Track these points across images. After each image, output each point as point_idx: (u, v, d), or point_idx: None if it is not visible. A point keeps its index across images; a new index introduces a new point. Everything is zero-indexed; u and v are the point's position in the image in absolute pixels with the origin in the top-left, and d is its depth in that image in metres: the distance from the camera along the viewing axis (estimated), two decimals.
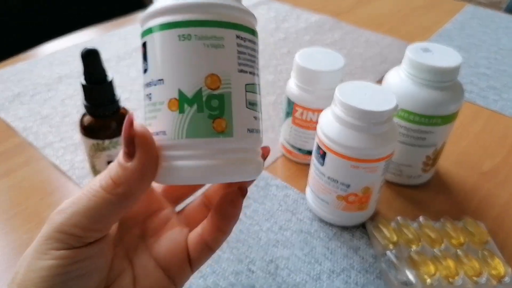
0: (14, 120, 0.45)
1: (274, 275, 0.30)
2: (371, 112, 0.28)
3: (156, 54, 0.16)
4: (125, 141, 0.16)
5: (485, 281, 0.30)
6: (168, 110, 0.16)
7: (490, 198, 0.38)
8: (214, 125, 0.16)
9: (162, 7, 0.16)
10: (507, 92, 0.54)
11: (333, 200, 0.32)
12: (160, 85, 0.16)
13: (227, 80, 0.16)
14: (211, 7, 0.16)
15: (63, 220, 0.16)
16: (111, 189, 0.16)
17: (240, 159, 0.17)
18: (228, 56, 0.16)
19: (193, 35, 0.16)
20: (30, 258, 0.17)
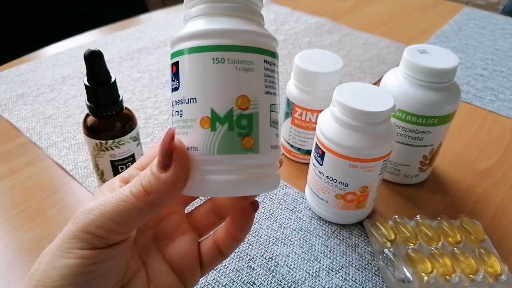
0: (18, 120, 0.45)
1: (274, 272, 0.31)
2: (369, 113, 0.29)
3: (189, 74, 0.18)
4: (163, 154, 0.17)
5: (481, 278, 0.30)
6: (200, 127, 0.17)
7: (486, 198, 0.38)
8: (243, 142, 0.17)
9: (197, 31, 0.17)
10: (503, 92, 0.54)
11: (332, 198, 0.33)
12: (193, 104, 0.17)
13: (255, 101, 0.18)
14: (243, 34, 0.18)
15: (90, 221, 0.17)
16: (142, 197, 0.17)
17: (264, 173, 0.18)
18: (257, 79, 0.18)
19: (226, 59, 0.17)
20: (51, 256, 0.17)
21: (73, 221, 0.17)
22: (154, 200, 0.17)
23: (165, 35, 0.65)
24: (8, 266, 0.31)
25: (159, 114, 0.47)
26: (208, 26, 0.17)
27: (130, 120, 0.33)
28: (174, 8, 0.76)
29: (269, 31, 0.19)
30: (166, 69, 0.56)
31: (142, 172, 0.18)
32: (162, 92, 0.51)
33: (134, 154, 0.34)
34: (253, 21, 0.19)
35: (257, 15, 0.19)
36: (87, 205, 0.18)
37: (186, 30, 0.18)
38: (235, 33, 0.17)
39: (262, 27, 0.19)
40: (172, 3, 0.83)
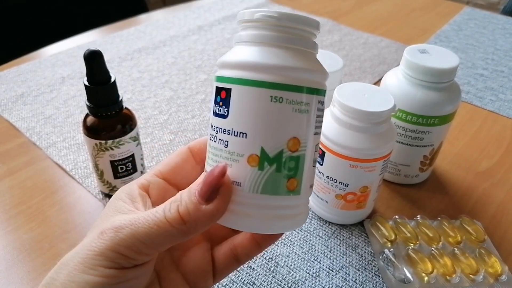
0: (18, 120, 0.45)
1: (274, 273, 0.31)
2: (369, 113, 0.29)
3: (242, 107, 0.17)
4: (210, 187, 0.17)
5: (482, 279, 0.30)
6: (247, 164, 0.17)
7: (487, 198, 0.38)
8: (287, 184, 0.17)
9: (259, 63, 0.17)
10: (503, 92, 0.54)
11: (332, 199, 0.32)
12: (242, 138, 0.17)
13: (304, 143, 0.17)
14: (304, 73, 0.17)
15: (120, 241, 0.16)
16: (177, 224, 0.17)
17: (299, 213, 0.19)
18: (310, 121, 0.18)
19: (285, 99, 0.17)
20: (73, 269, 0.17)
21: (101, 236, 0.17)
22: (189, 229, 0.17)
23: (165, 35, 0.65)
24: (7, 266, 0.30)
25: (159, 114, 0.47)
26: (270, 60, 0.17)
27: (130, 120, 0.33)
28: (174, 8, 0.76)
29: None
30: (166, 69, 0.56)
31: (177, 196, 0.17)
32: (161, 92, 0.51)
33: (134, 154, 0.34)
34: (311, 55, 0.18)
35: (315, 48, 0.18)
36: (115, 220, 0.17)
37: (243, 56, 0.17)
38: (297, 72, 0.17)
39: (317, 60, 0.19)
40: (172, 2, 0.83)
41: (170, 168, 0.21)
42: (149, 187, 0.20)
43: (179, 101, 0.50)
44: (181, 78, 0.54)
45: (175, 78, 0.54)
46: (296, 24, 0.17)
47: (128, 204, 0.19)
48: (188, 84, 0.53)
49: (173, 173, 0.21)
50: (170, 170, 0.21)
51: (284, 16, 0.17)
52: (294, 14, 0.17)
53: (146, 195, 0.20)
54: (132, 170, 0.34)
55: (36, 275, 0.30)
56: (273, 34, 0.17)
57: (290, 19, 0.17)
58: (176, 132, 0.45)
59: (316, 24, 0.18)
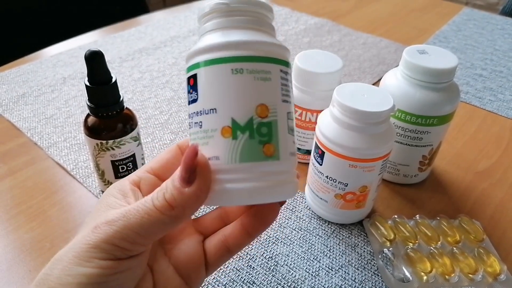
0: (19, 120, 0.46)
1: (273, 272, 0.31)
2: (368, 113, 0.29)
3: (208, 85, 0.18)
4: (187, 169, 0.17)
5: (480, 278, 0.30)
6: (221, 137, 0.18)
7: (486, 197, 0.39)
8: (264, 149, 0.18)
9: (215, 44, 0.18)
10: (502, 93, 0.55)
11: (331, 198, 0.33)
12: (213, 114, 0.18)
13: (273, 109, 0.18)
14: (260, 45, 0.18)
15: (114, 233, 0.17)
16: (166, 211, 0.17)
17: (283, 180, 0.19)
18: (274, 88, 0.18)
19: (245, 69, 0.18)
20: (67, 263, 0.17)
21: (94, 230, 0.17)
22: (177, 214, 0.17)
23: (166, 35, 0.65)
24: (8, 266, 0.31)
25: (159, 114, 0.48)
26: (225, 38, 0.18)
27: (130, 120, 0.33)
28: (174, 9, 0.76)
29: None
30: (166, 69, 0.57)
31: (163, 184, 0.18)
32: (162, 92, 0.52)
33: (135, 154, 0.34)
34: (266, 33, 0.19)
35: (269, 27, 0.20)
36: (108, 215, 0.18)
37: (203, 43, 0.18)
38: (252, 44, 0.18)
39: (275, 37, 0.20)
40: (172, 3, 0.83)
41: (160, 165, 0.21)
42: (140, 183, 0.21)
43: (180, 101, 0.50)
44: (182, 78, 0.55)
45: (176, 78, 0.55)
46: (245, 6, 0.19)
47: (120, 200, 0.19)
48: None
49: (163, 169, 0.21)
50: (161, 166, 0.21)
51: (233, 1, 0.18)
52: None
53: (138, 190, 0.20)
54: (133, 170, 0.34)
55: (37, 275, 0.30)
56: (225, 19, 0.18)
57: (239, 2, 0.18)
58: (176, 132, 0.45)
59: (266, 6, 0.19)
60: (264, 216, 0.21)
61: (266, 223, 0.21)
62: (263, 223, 0.21)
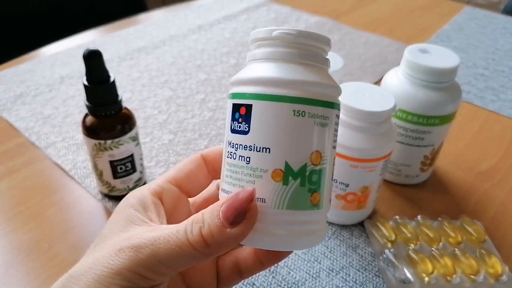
0: (17, 120, 0.45)
1: (274, 273, 0.30)
2: (369, 113, 0.28)
3: (264, 122, 0.17)
4: (237, 211, 0.16)
5: (482, 279, 0.30)
6: (271, 179, 0.17)
7: (487, 198, 0.38)
8: (311, 198, 0.17)
9: (279, 78, 0.17)
10: (504, 92, 0.54)
11: (332, 199, 0.32)
12: (265, 153, 0.17)
13: (325, 156, 0.18)
14: (324, 88, 0.17)
15: (139, 261, 0.16)
16: (200, 247, 0.16)
17: (321, 228, 0.19)
18: (329, 135, 0.18)
19: (307, 113, 0.17)
20: (86, 285, 0.16)
21: (119, 254, 0.16)
22: (211, 251, 0.16)
23: (165, 34, 0.65)
24: (7, 267, 0.30)
25: (158, 114, 0.47)
26: (290, 75, 0.17)
27: (129, 120, 0.32)
28: (173, 7, 0.75)
29: None
30: (165, 68, 0.56)
31: (199, 216, 0.17)
32: (161, 92, 0.51)
33: (133, 154, 0.34)
34: (325, 71, 0.18)
35: (327, 63, 0.19)
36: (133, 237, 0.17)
37: (262, 72, 0.17)
38: (317, 87, 0.17)
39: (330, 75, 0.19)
40: (171, 2, 0.82)
41: (183, 175, 0.20)
42: (162, 194, 0.20)
43: (179, 100, 0.50)
44: (181, 77, 0.54)
45: (175, 77, 0.54)
46: (311, 41, 0.18)
47: (141, 213, 0.18)
48: (187, 84, 0.53)
49: (186, 180, 0.20)
50: (183, 177, 0.20)
51: (300, 33, 0.17)
52: (309, 31, 0.18)
53: (159, 203, 0.19)
54: (131, 170, 0.34)
55: (35, 276, 0.30)
56: (291, 50, 0.17)
57: (306, 36, 0.17)
58: (175, 132, 0.45)
59: (327, 41, 0.18)
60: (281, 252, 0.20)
61: (280, 257, 0.20)
62: (278, 258, 0.20)
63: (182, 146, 0.43)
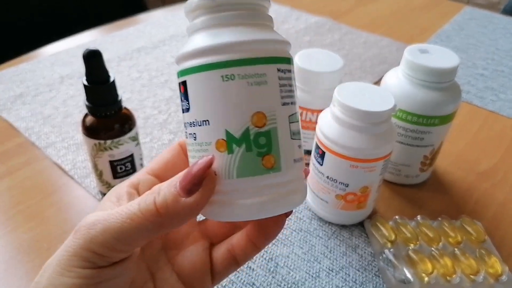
0: (17, 120, 0.45)
1: (273, 273, 0.30)
2: (369, 113, 0.28)
3: (198, 95, 0.16)
4: (194, 179, 0.16)
5: (482, 279, 0.30)
6: (216, 151, 0.16)
7: (487, 198, 0.38)
8: (263, 162, 0.16)
9: (201, 47, 0.16)
10: (504, 92, 0.54)
11: (332, 199, 0.32)
12: (205, 126, 0.16)
13: (272, 115, 0.16)
14: (252, 44, 0.16)
15: (92, 238, 0.16)
16: (151, 216, 0.16)
17: (289, 190, 0.17)
18: (272, 92, 0.16)
19: (236, 75, 0.16)
20: (52, 272, 0.16)
21: (74, 235, 0.16)
22: (163, 222, 0.16)
23: (164, 34, 0.65)
24: (6, 266, 0.30)
25: (158, 114, 0.47)
26: (213, 40, 0.16)
27: (129, 120, 0.32)
28: (173, 7, 0.75)
29: None
30: (165, 68, 0.56)
31: (155, 187, 0.17)
32: (161, 92, 0.51)
33: (133, 154, 0.34)
34: (262, 26, 0.17)
35: (265, 18, 0.17)
36: (89, 217, 0.16)
37: (191, 46, 0.17)
38: (242, 45, 0.16)
39: (272, 30, 0.18)
40: (171, 1, 0.82)
41: (161, 165, 0.20)
42: (139, 185, 0.19)
43: (179, 101, 0.50)
44: None
45: (175, 77, 0.54)
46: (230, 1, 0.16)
47: (113, 203, 0.18)
48: None
49: (164, 170, 0.20)
50: (162, 167, 0.20)
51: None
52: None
53: (135, 192, 0.19)
54: (131, 170, 0.34)
55: (35, 276, 0.30)
56: (212, 15, 0.17)
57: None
58: (175, 132, 0.45)
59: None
60: (268, 230, 0.20)
61: (270, 236, 0.20)
62: (268, 237, 0.20)
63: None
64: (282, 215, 0.19)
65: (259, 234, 0.20)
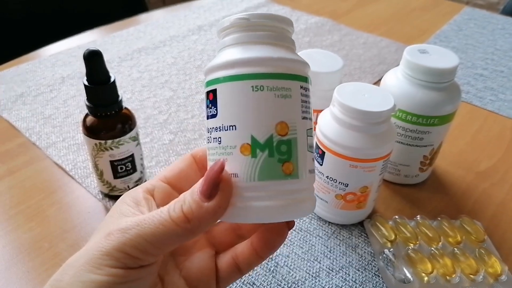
0: (17, 120, 0.45)
1: (274, 273, 0.31)
2: (369, 113, 0.29)
3: (228, 102, 0.18)
4: (210, 184, 0.17)
5: (481, 279, 0.30)
6: (240, 154, 0.18)
7: (487, 198, 0.38)
8: (283, 168, 0.18)
9: (235, 59, 0.18)
10: (503, 92, 0.54)
11: (332, 199, 0.32)
12: (232, 131, 0.18)
13: (293, 126, 0.18)
14: (281, 61, 0.18)
15: (126, 241, 0.17)
16: (181, 223, 0.17)
17: (302, 198, 0.19)
18: (294, 105, 0.18)
19: (266, 86, 0.18)
20: (78, 269, 0.17)
21: (108, 237, 0.17)
22: (193, 227, 0.17)
23: (165, 34, 0.65)
24: (7, 266, 0.30)
25: (158, 114, 0.47)
26: (246, 54, 0.18)
27: (129, 120, 0.33)
28: (174, 8, 0.76)
29: None
30: (165, 69, 0.56)
31: (181, 196, 0.18)
32: (161, 92, 0.51)
33: (134, 154, 0.34)
34: (287, 48, 0.19)
35: (289, 41, 0.20)
36: (121, 222, 0.18)
37: (223, 58, 0.18)
38: (273, 61, 0.18)
39: (295, 52, 0.20)
40: (172, 2, 0.83)
41: (174, 174, 0.21)
42: (154, 191, 0.21)
43: (179, 101, 0.50)
44: (181, 78, 0.54)
45: (175, 78, 0.54)
46: (266, 21, 0.18)
47: (133, 208, 0.19)
48: (187, 84, 0.53)
49: (177, 178, 0.21)
50: (175, 175, 0.21)
51: (253, 16, 0.18)
52: (264, 13, 0.19)
53: (151, 198, 0.20)
54: (131, 170, 0.34)
55: (36, 275, 0.30)
56: (246, 33, 0.18)
57: (259, 17, 0.18)
58: (175, 132, 0.45)
59: (287, 20, 0.19)
60: (272, 240, 0.21)
61: (273, 247, 0.21)
62: (271, 247, 0.21)
63: (182, 146, 0.43)
64: (285, 227, 0.20)
65: (263, 244, 0.21)
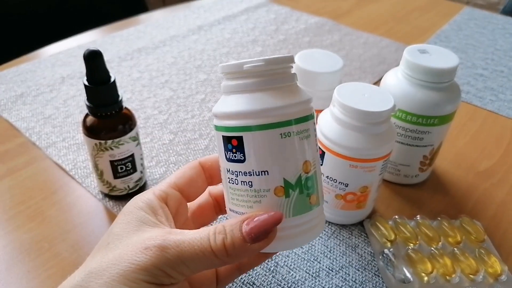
0: (17, 120, 0.45)
1: (273, 273, 0.31)
2: (369, 113, 0.29)
3: (257, 149, 0.19)
4: (261, 232, 0.18)
5: (481, 279, 0.30)
6: (274, 196, 0.19)
7: (487, 198, 0.38)
8: (310, 200, 0.20)
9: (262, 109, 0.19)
10: (503, 92, 0.54)
11: (332, 199, 0.32)
12: (265, 176, 0.19)
13: (314, 162, 0.20)
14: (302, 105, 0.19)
15: (166, 260, 0.18)
16: (221, 256, 0.18)
17: (320, 220, 0.21)
18: (313, 142, 0.20)
19: (292, 132, 0.19)
20: (110, 279, 0.17)
21: (146, 252, 0.18)
22: (230, 260, 0.18)
23: (165, 34, 0.65)
24: (7, 266, 0.30)
25: (158, 114, 0.47)
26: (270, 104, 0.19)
27: (129, 120, 0.33)
28: (174, 8, 0.76)
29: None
30: (165, 69, 0.56)
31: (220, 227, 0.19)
32: (161, 92, 0.51)
33: (134, 154, 0.34)
34: (297, 87, 0.20)
35: (295, 78, 0.20)
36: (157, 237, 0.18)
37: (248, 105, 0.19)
38: (295, 107, 0.19)
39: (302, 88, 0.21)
40: (172, 2, 0.83)
41: (185, 181, 0.22)
42: (167, 199, 0.21)
43: (179, 101, 0.50)
44: (181, 78, 0.54)
45: (175, 78, 0.54)
46: (277, 65, 0.19)
47: (151, 216, 0.20)
48: (188, 84, 0.53)
49: (188, 186, 0.22)
50: (185, 183, 0.22)
51: (268, 61, 0.19)
52: (273, 57, 0.19)
53: (166, 207, 0.21)
54: (131, 170, 0.34)
55: (36, 275, 0.30)
56: (263, 79, 0.19)
57: (272, 63, 0.19)
58: (176, 132, 0.45)
59: (291, 58, 0.20)
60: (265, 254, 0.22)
61: (272, 254, 0.23)
62: (269, 254, 0.23)
63: (182, 146, 0.43)
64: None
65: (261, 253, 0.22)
